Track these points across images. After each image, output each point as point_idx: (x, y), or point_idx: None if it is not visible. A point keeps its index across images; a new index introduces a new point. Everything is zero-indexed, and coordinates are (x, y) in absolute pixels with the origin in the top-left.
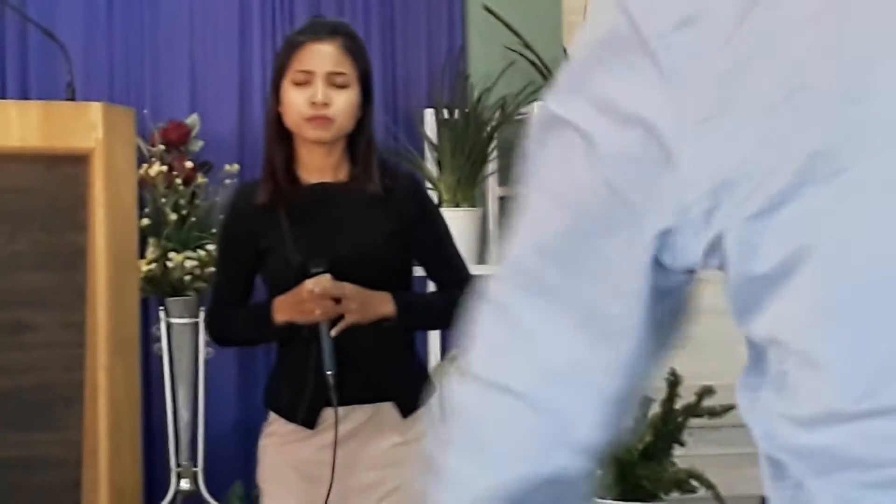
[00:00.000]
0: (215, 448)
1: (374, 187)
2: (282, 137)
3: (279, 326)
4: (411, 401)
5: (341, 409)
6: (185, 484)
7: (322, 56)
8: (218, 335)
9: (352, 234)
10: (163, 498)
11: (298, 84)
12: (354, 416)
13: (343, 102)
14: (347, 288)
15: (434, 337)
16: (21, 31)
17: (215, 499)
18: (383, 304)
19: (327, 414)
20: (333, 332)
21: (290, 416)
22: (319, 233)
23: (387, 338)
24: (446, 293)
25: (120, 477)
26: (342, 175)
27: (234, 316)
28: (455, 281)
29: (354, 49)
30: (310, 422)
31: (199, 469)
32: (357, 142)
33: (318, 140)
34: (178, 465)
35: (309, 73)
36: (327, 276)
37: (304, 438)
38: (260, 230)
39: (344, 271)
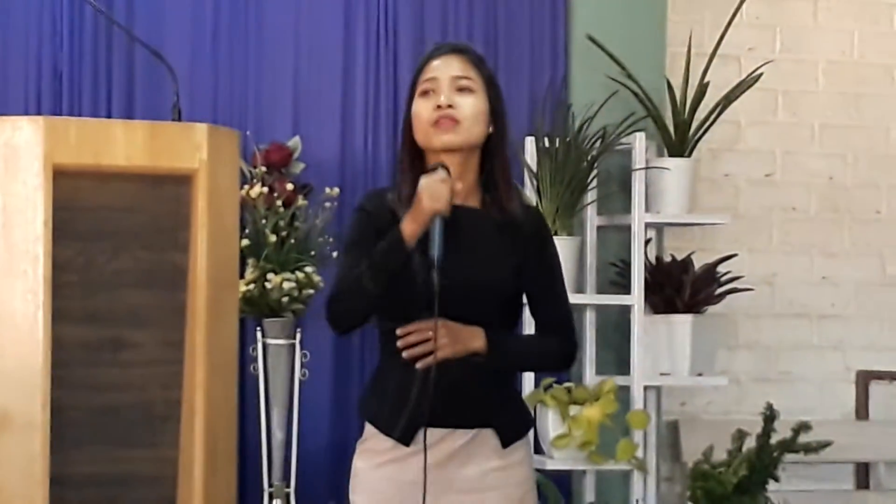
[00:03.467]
0: (308, 469)
1: (513, 206)
2: (414, 159)
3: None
4: (512, 431)
5: (440, 431)
6: None
7: (446, 64)
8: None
9: (481, 261)
10: None
11: (424, 94)
12: (453, 438)
13: (469, 106)
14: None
15: None
16: (128, 51)
17: None
18: (474, 339)
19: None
20: (419, 365)
21: (388, 430)
22: (449, 254)
23: (485, 367)
24: (545, 341)
25: (214, 495)
26: (473, 201)
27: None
28: (556, 324)
29: (477, 59)
30: (406, 438)
31: (292, 490)
32: (490, 166)
33: (447, 146)
34: (271, 486)
35: (433, 79)
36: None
37: (402, 458)
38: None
39: (471, 296)
